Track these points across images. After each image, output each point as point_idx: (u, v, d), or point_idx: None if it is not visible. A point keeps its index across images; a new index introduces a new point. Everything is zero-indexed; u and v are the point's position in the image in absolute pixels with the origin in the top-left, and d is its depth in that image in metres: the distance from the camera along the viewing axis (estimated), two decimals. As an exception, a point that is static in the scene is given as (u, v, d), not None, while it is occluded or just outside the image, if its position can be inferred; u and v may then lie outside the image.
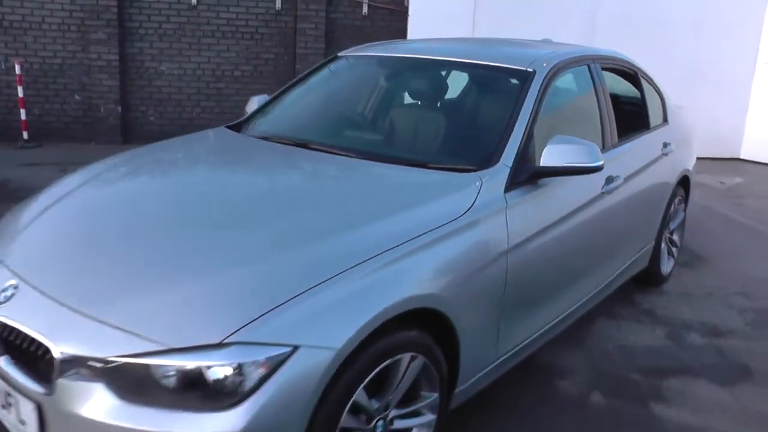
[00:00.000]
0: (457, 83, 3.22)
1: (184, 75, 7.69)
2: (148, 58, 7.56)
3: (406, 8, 8.04)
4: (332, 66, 3.57)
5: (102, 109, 7.42)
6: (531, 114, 2.66)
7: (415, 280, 1.96)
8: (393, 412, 2.01)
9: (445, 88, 3.22)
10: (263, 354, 1.60)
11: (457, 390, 2.27)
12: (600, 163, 2.54)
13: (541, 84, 2.79)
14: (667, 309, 3.86)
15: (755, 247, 5.17)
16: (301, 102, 3.43)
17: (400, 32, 8.07)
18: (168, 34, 7.53)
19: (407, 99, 3.30)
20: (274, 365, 1.60)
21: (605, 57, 3.58)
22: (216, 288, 1.74)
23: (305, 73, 3.71)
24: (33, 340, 1.73)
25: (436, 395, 2.13)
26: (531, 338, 2.68)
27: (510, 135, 2.57)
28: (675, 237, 4.32)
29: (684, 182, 4.24)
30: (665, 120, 4.12)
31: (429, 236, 2.05)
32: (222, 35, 7.69)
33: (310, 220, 2.08)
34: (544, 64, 2.90)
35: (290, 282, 1.75)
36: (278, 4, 7.78)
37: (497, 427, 2.58)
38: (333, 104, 3.40)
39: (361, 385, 1.81)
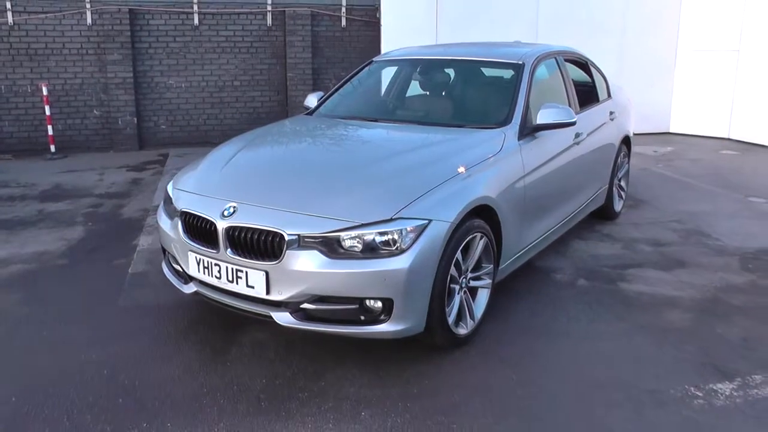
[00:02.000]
0: (470, 73, 4.51)
1: (190, 87, 8.70)
2: (158, 74, 8.54)
3: (379, 20, 9.28)
4: (371, 68, 4.78)
5: (120, 122, 8.35)
6: (526, 91, 3.96)
7: (480, 187, 3.20)
8: (469, 275, 3.24)
9: (463, 77, 4.52)
10: (413, 224, 2.80)
11: (500, 267, 3.51)
12: (575, 119, 3.86)
13: (530, 72, 4.10)
14: (622, 233, 5.22)
15: (683, 192, 6.65)
16: (356, 94, 4.64)
17: (374, 41, 9.32)
18: (175, 52, 8.53)
19: (437, 86, 4.56)
20: (419, 231, 2.80)
21: (566, 51, 4.93)
22: (379, 192, 2.96)
23: (351, 74, 4.85)
24: (261, 232, 2.85)
25: (491, 266, 3.37)
26: (535, 241, 3.95)
27: (516, 104, 3.86)
28: (623, 183, 5.72)
29: (626, 142, 5.64)
30: (609, 96, 5.50)
31: (483, 164, 3.31)
32: (222, 51, 8.75)
33: (415, 156, 3.31)
34: (527, 58, 4.21)
35: (420, 187, 2.98)
36: (269, 21, 8.89)
37: (520, 300, 3.82)
38: (381, 94, 4.63)
39: (459, 249, 3.03)
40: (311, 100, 4.74)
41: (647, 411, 2.73)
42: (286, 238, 2.80)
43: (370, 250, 2.78)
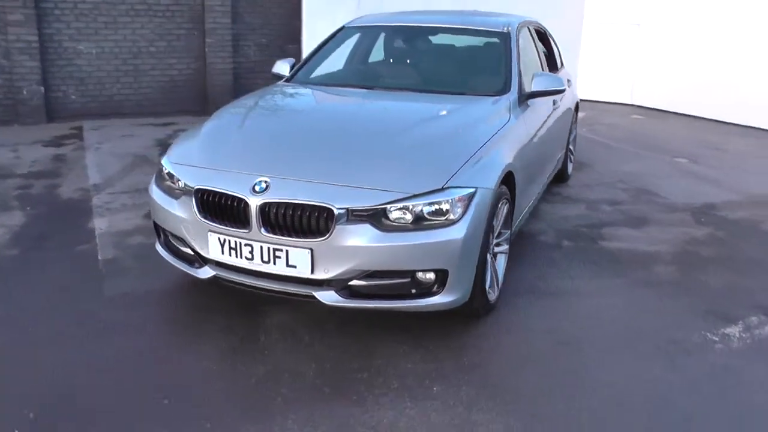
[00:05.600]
0: (457, 41, 4.48)
1: (102, 53, 7.94)
2: (66, 38, 7.69)
3: (299, -17, 8.94)
4: (344, 34, 4.60)
5: (25, 91, 7.46)
6: (517, 59, 4.01)
7: (507, 155, 3.22)
8: (494, 241, 3.27)
9: (452, 45, 4.48)
10: (462, 192, 2.77)
11: (512, 231, 3.58)
12: (565, 87, 3.97)
13: (516, 40, 4.15)
14: (579, 194, 5.49)
15: (615, 155, 7.08)
16: (337, 61, 4.45)
17: (295, 6, 8.99)
18: (84, 14, 7.72)
19: (426, 54, 4.48)
20: (468, 200, 2.77)
21: (532, 21, 5.03)
22: (423, 161, 2.88)
23: (323, 41, 4.62)
24: (303, 207, 2.68)
25: (508, 231, 3.42)
26: (530, 206, 4.06)
27: (512, 73, 3.90)
28: (572, 147, 6.00)
29: (576, 107, 5.90)
30: (562, 65, 5.71)
31: (502, 132, 3.33)
32: (136, 13, 8.03)
33: (439, 125, 3.26)
34: (512, 27, 4.26)
35: (458, 156, 2.93)
36: (202, -18, 8.28)
37: (519, 264, 3.92)
38: (374, 61, 4.49)
39: (494, 214, 3.04)
40: (282, 67, 4.50)
41: (679, 360, 2.92)
42: (336, 212, 2.66)
43: (419, 221, 2.71)
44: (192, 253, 3.06)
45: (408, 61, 4.48)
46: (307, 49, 9.38)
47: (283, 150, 3.09)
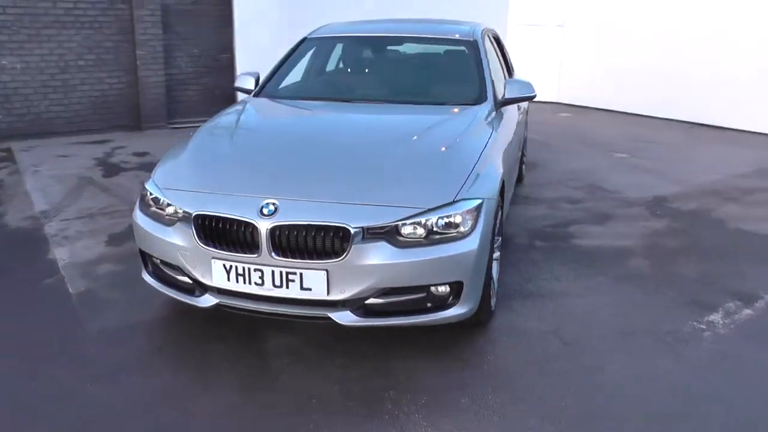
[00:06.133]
0: (425, 50, 4.50)
1: (28, 68, 7.43)
2: (-15, 53, 7.16)
3: (230, -8, 8.74)
4: (306, 46, 4.52)
5: (-58, 113, 6.89)
6: (488, 67, 4.09)
7: (500, 165, 3.27)
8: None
9: (420, 54, 4.49)
10: (471, 204, 2.79)
11: (501, 237, 3.63)
12: (536, 93, 4.08)
13: (483, 47, 4.23)
14: (537, 194, 5.66)
15: (557, 153, 7.35)
16: (306, 74, 4.37)
17: (226, 15, 8.78)
18: (6, 26, 7.19)
19: (397, 64, 4.47)
20: (477, 211, 2.80)
21: (489, 29, 5.14)
22: (429, 175, 2.88)
23: (287, 53, 4.52)
24: (317, 228, 2.62)
25: (500, 238, 3.48)
26: (506, 211, 4.16)
27: (485, 81, 3.97)
28: (523, 149, 6.17)
29: (527, 110, 6.08)
30: (513, 70, 5.87)
31: (492, 142, 3.37)
32: (62, 25, 7.57)
33: (432, 137, 3.26)
34: (477, 35, 4.33)
35: (461, 168, 2.95)
36: (113, -8, 7.89)
37: (505, 266, 3.99)
38: (344, 72, 4.42)
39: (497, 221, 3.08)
40: (247, 81, 4.37)
41: (676, 349, 3.07)
42: (352, 232, 2.61)
43: (430, 235, 2.71)
44: (190, 281, 2.92)
45: (379, 72, 4.45)
46: (240, 59, 9.20)
47: (285, 170, 3.01)
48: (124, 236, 4.51)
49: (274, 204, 2.70)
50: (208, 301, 2.88)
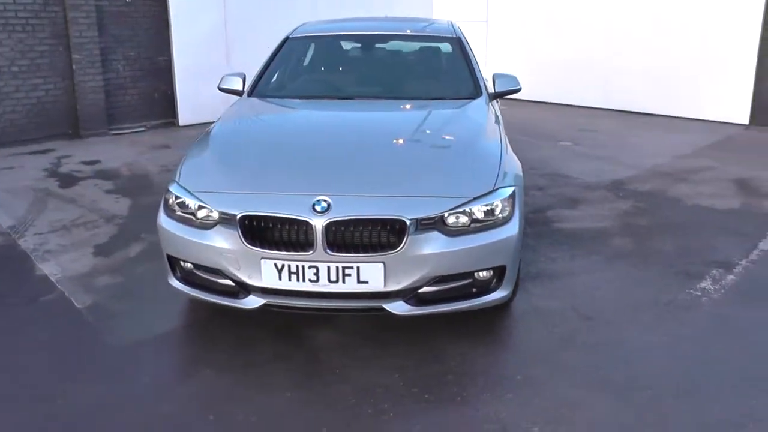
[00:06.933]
0: (413, 48, 4.62)
1: (-45, 77, 6.91)
2: None
3: (165, -8, 8.48)
4: (292, 45, 4.53)
5: None
6: (476, 62, 4.29)
7: (513, 154, 3.46)
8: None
9: (409, 51, 4.61)
10: (508, 192, 2.95)
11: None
12: (521, 86, 4.31)
13: (467, 43, 4.42)
14: (507, 184, 5.93)
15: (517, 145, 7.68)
16: (297, 73, 4.39)
17: (162, 14, 8.51)
18: (-72, 33, 6.65)
19: (388, 61, 4.56)
20: (512, 197, 2.96)
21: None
22: (468, 165, 3.04)
23: (273, 53, 4.51)
24: (373, 222, 2.69)
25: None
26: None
27: (477, 76, 4.17)
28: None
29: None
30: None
31: (502, 132, 3.56)
32: (-9, 29, 7.09)
33: (454, 130, 3.40)
34: (458, 33, 4.52)
35: (491, 158, 3.12)
36: (46, -7, 7.46)
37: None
38: (338, 70, 4.46)
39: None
40: (235, 82, 4.34)
41: (682, 316, 3.38)
42: (408, 223, 2.71)
43: (476, 222, 2.86)
44: (233, 284, 2.91)
45: (373, 69, 4.54)
46: (178, 61, 8.93)
47: (328, 166, 3.06)
48: (110, 246, 4.37)
49: (326, 200, 2.75)
50: (253, 302, 2.88)
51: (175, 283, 3.13)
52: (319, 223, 2.69)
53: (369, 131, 3.55)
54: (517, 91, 4.28)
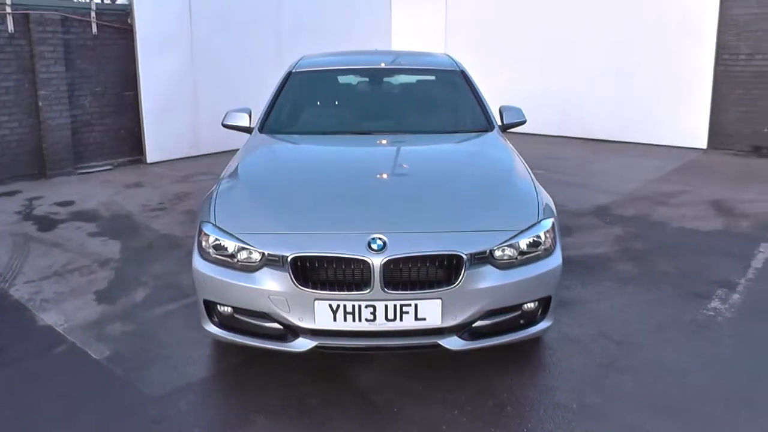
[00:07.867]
0: (418, 81, 4.69)
1: None
2: None
3: (132, 25, 8.32)
4: (296, 80, 4.52)
5: None
6: (482, 95, 4.39)
7: (542, 188, 3.54)
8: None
9: (415, 85, 4.68)
10: (549, 224, 3.01)
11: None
12: (526, 119, 4.44)
13: (470, 76, 4.53)
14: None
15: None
16: (305, 108, 4.38)
17: (128, 49, 8.34)
18: None
19: (394, 95, 4.60)
20: (552, 229, 3.03)
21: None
22: (511, 199, 3.11)
23: (277, 89, 4.46)
24: (431, 258, 2.69)
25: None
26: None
27: (486, 109, 4.28)
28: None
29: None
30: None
31: (526, 166, 3.65)
32: (-47, 66, 6.75)
33: (484, 164, 3.47)
34: (460, 66, 4.64)
35: (532, 190, 3.19)
36: (11, 27, 7.17)
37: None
38: (349, 105, 4.47)
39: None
40: (241, 118, 4.30)
41: (706, 334, 3.52)
42: (465, 258, 2.72)
43: (521, 255, 2.90)
44: (280, 326, 2.84)
45: (383, 104, 4.55)
46: (146, 96, 8.71)
47: (377, 203, 3.05)
48: (112, 292, 4.19)
49: (381, 238, 2.73)
50: (304, 345, 2.81)
51: (212, 328, 3.02)
52: (376, 261, 2.67)
53: (405, 167, 3.57)
54: (523, 123, 4.40)
